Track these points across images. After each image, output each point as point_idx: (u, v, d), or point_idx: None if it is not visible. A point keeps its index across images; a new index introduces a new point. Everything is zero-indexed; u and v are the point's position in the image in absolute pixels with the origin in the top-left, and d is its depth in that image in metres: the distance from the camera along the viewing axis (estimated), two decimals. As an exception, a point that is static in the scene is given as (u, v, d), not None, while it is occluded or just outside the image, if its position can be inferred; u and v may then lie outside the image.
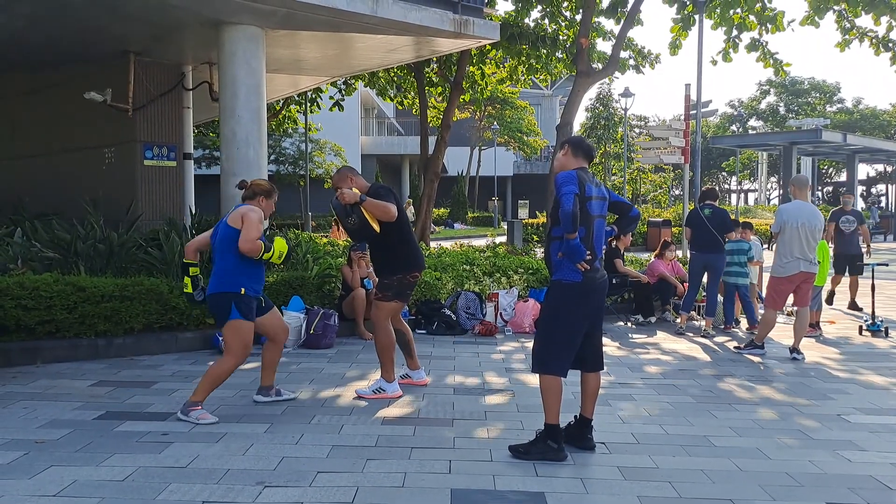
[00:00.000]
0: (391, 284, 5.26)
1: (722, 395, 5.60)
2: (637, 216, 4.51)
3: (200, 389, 4.64)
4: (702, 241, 8.33)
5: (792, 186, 7.31)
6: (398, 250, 5.27)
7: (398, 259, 5.27)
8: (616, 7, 12.85)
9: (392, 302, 5.29)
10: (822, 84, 58.62)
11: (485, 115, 36.86)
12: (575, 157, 4.20)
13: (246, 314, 4.62)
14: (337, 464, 3.91)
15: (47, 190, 12.07)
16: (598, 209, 4.13)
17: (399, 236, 5.25)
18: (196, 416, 4.57)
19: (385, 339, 5.29)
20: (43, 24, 9.19)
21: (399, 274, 5.26)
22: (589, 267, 3.99)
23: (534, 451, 4.03)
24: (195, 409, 4.60)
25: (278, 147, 32.49)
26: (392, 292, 5.26)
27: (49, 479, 3.63)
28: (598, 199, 4.12)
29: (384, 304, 5.29)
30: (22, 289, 6.19)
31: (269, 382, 5.13)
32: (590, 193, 4.05)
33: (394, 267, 5.27)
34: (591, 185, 4.08)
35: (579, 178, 4.01)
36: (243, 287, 4.60)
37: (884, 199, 53.74)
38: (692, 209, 8.81)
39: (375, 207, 5.05)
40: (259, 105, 9.14)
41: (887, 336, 8.31)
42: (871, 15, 11.81)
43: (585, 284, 4.03)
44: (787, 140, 28.35)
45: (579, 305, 4.05)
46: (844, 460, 4.11)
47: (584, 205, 3.99)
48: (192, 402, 4.63)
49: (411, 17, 9.08)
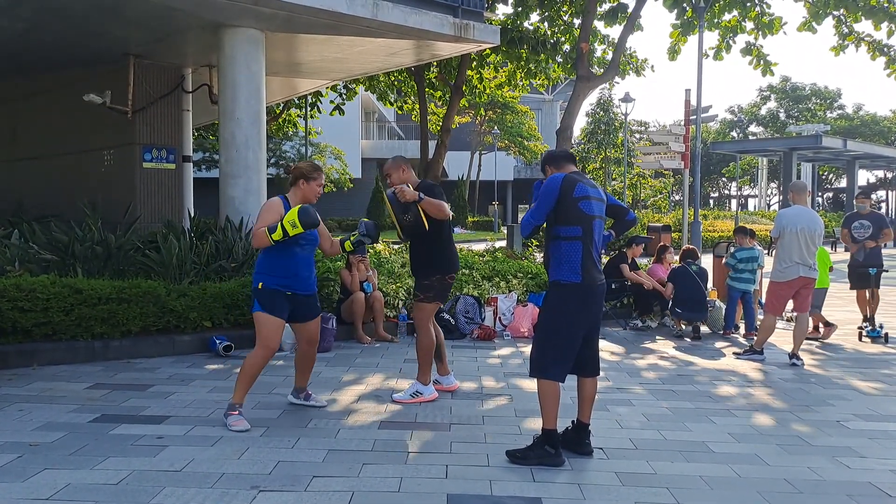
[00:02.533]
0: (432, 285, 5.22)
1: (721, 400, 5.57)
2: (633, 220, 4.50)
3: (238, 388, 4.62)
4: (690, 300, 8.39)
5: (791, 192, 7.31)
6: (440, 250, 5.24)
7: (440, 259, 5.24)
8: (616, 12, 12.87)
9: (433, 303, 5.25)
10: (823, 90, 58.66)
11: (485, 120, 36.89)
12: (559, 167, 4.20)
13: (267, 307, 4.59)
14: (333, 468, 3.89)
15: (47, 192, 12.06)
16: (597, 210, 4.07)
17: (442, 236, 5.25)
18: (231, 423, 4.52)
19: (427, 341, 5.26)
20: (43, 27, 9.19)
21: (439, 274, 5.23)
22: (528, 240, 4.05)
23: (531, 455, 4.00)
24: (232, 414, 4.57)
25: (279, 150, 32.54)
26: (433, 293, 5.22)
27: (42, 482, 3.61)
28: (595, 200, 4.07)
29: (426, 305, 5.25)
30: (19, 290, 6.17)
31: (302, 384, 5.13)
32: (584, 193, 4.00)
33: (436, 267, 5.23)
34: (584, 185, 4.03)
35: (566, 181, 3.99)
36: (261, 281, 4.61)
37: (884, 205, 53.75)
38: (678, 266, 8.87)
39: (432, 206, 5.03)
40: (259, 108, 9.13)
41: (887, 342, 8.29)
42: (870, 21, 11.82)
43: (584, 286, 3.97)
44: (787, 146, 28.36)
45: (579, 308, 3.99)
46: (844, 467, 4.09)
47: (577, 204, 3.96)
48: (231, 405, 4.62)
49: (411, 20, 9.08)
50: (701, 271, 8.66)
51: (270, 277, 4.63)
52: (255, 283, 4.65)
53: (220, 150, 9.22)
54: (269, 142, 29.13)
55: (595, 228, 4.03)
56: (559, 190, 3.95)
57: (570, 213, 3.94)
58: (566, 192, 3.95)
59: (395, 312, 8.35)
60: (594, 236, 4.02)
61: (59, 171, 11.98)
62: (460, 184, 41.11)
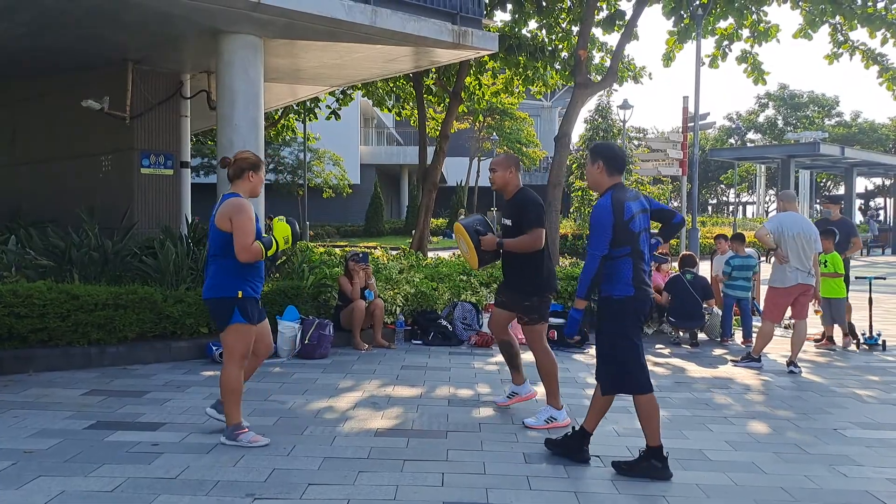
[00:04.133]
0: (534, 306, 4.92)
1: (718, 408, 5.57)
2: (681, 222, 4.43)
3: (230, 410, 4.34)
4: (682, 310, 8.38)
5: (781, 201, 7.39)
6: (538, 271, 4.91)
7: (540, 278, 4.92)
8: (614, 19, 12.90)
9: (540, 323, 4.95)
10: (821, 97, 58.79)
11: (484, 126, 36.93)
12: (610, 175, 4.10)
13: (249, 317, 4.33)
14: (328, 476, 3.87)
15: (44, 197, 12.04)
16: (642, 224, 4.07)
17: (540, 257, 4.90)
18: (248, 440, 4.30)
19: (549, 364, 4.95)
20: (42, 33, 9.19)
21: (541, 294, 4.95)
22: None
23: (637, 468, 3.97)
24: (242, 433, 4.32)
25: (277, 156, 32.53)
26: (538, 314, 4.94)
27: (37, 489, 3.59)
28: (640, 214, 4.07)
29: (535, 328, 4.95)
30: (15, 296, 6.16)
31: None
32: (630, 213, 3.99)
33: (536, 288, 4.93)
34: (630, 204, 4.01)
35: (615, 204, 3.96)
36: (240, 290, 4.30)
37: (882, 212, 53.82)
38: (675, 274, 8.87)
39: (517, 248, 4.83)
40: (256, 114, 9.13)
41: (885, 350, 8.28)
42: (866, 28, 11.86)
43: (637, 298, 3.98)
44: (784, 153, 28.41)
45: (636, 319, 4.03)
46: (840, 475, 4.08)
47: (628, 226, 3.96)
48: (233, 427, 4.34)
49: (410, 27, 9.09)
50: (696, 280, 8.62)
51: (247, 283, 4.34)
52: (233, 293, 4.29)
53: (218, 156, 9.22)
54: (268, 147, 29.14)
55: (642, 242, 4.05)
56: (612, 220, 3.94)
57: (620, 236, 3.96)
58: (618, 217, 3.95)
59: (392, 319, 8.34)
60: (642, 250, 4.04)
61: (56, 177, 11.96)
62: (459, 190, 41.11)
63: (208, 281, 4.38)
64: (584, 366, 7.11)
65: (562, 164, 12.07)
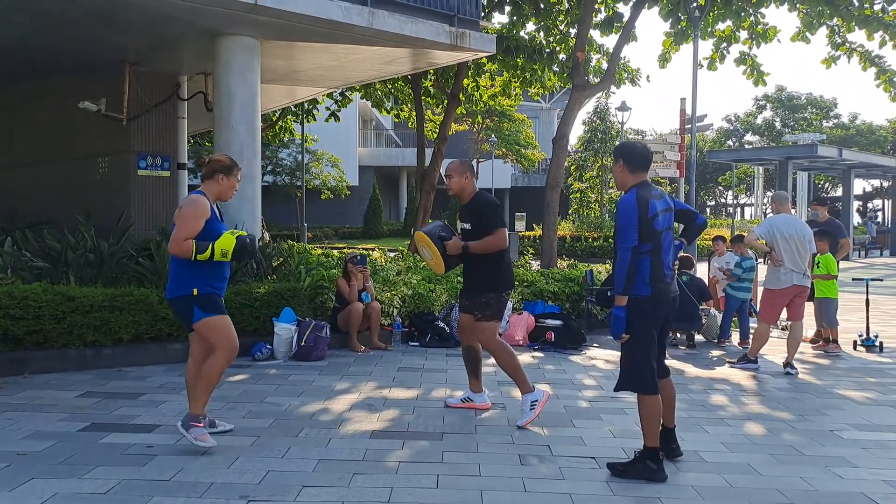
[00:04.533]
0: (489, 303, 5.01)
1: (713, 409, 5.56)
2: (703, 224, 4.44)
3: (197, 396, 4.26)
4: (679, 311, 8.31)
5: (773, 203, 7.39)
6: (495, 269, 5.03)
7: (495, 278, 5.03)
8: (612, 21, 12.91)
9: (493, 320, 5.05)
10: (819, 99, 58.80)
11: (483, 128, 36.94)
12: (632, 172, 4.12)
13: (212, 309, 4.23)
14: (323, 478, 3.86)
15: (41, 199, 12.03)
16: (665, 223, 4.06)
17: (499, 256, 5.03)
18: (195, 437, 4.21)
19: (506, 356, 5.06)
20: (40, 34, 9.19)
21: (497, 292, 5.04)
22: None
23: (633, 470, 3.97)
24: (196, 427, 4.24)
25: (275, 158, 32.50)
26: (492, 311, 5.02)
27: (29, 491, 3.58)
28: (664, 213, 4.06)
29: (488, 324, 5.04)
30: (10, 298, 6.14)
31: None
32: (654, 211, 3.99)
33: (493, 285, 5.03)
34: (654, 202, 4.01)
35: (640, 201, 3.97)
36: (195, 288, 4.19)
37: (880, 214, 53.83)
38: None
39: (482, 248, 4.92)
40: (254, 116, 9.14)
41: (881, 351, 8.28)
42: (864, 31, 11.87)
43: (655, 297, 3.99)
44: (782, 155, 28.39)
45: (651, 319, 4.03)
46: (836, 477, 4.07)
47: (651, 224, 3.97)
48: (192, 416, 4.26)
49: (407, 29, 9.09)
50: (693, 281, 8.62)
51: (205, 281, 4.23)
52: (188, 291, 4.19)
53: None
54: (266, 149, 29.12)
55: (664, 242, 4.04)
56: (637, 213, 3.96)
57: (643, 233, 3.96)
58: (642, 213, 3.97)
59: (389, 321, 8.33)
60: (662, 249, 4.02)
61: (53, 178, 11.95)
62: (457, 192, 41.05)
63: (168, 281, 4.34)
64: (582, 367, 7.11)
65: (560, 165, 12.08)
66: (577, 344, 8.09)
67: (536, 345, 8.17)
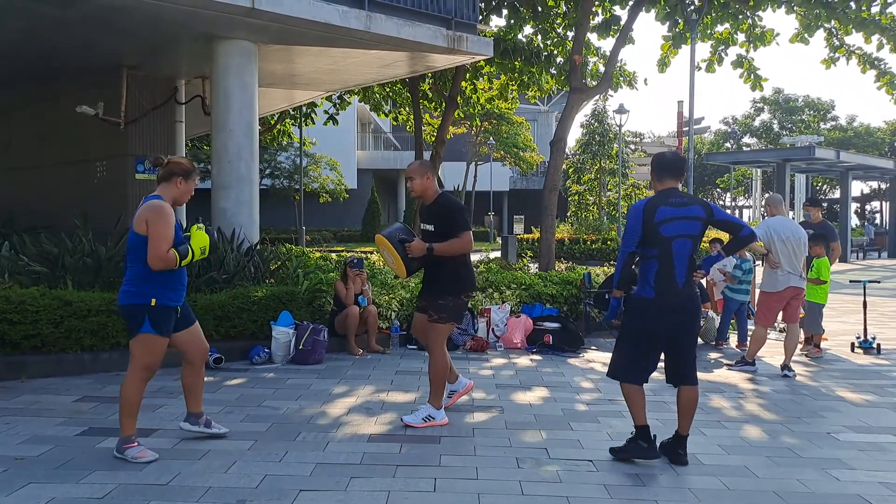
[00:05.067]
0: (447, 305, 4.94)
1: (711, 412, 5.57)
2: (748, 237, 4.40)
3: (124, 421, 4.12)
4: None
5: (768, 206, 7.39)
6: (456, 270, 4.96)
7: (458, 279, 4.97)
8: (609, 24, 12.94)
9: (448, 324, 5.00)
10: (817, 101, 58.89)
11: (481, 131, 36.97)
12: (660, 180, 4.31)
13: (159, 328, 4.09)
14: (320, 482, 3.86)
15: (39, 203, 12.03)
16: (680, 229, 4.16)
17: (462, 256, 5.00)
18: (133, 455, 4.05)
19: (442, 363, 4.97)
20: (37, 39, 9.20)
21: (456, 294, 4.97)
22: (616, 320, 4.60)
23: (628, 450, 4.29)
24: (130, 447, 4.08)
25: (273, 161, 32.51)
26: (449, 314, 4.96)
27: (27, 496, 3.57)
28: (677, 220, 4.15)
29: (442, 327, 4.97)
30: (7, 303, 6.14)
31: (197, 409, 4.54)
32: (661, 217, 4.14)
33: (452, 287, 4.96)
34: (664, 209, 4.16)
35: (647, 207, 4.17)
36: (154, 298, 4.05)
37: (878, 216, 53.90)
38: None
39: (447, 251, 4.84)
40: (251, 119, 9.14)
41: (879, 353, 8.29)
42: (861, 33, 11.91)
43: (657, 301, 4.16)
44: (780, 157, 28.41)
45: (652, 321, 4.20)
46: (833, 479, 4.08)
47: (658, 229, 4.14)
48: (124, 439, 4.10)
49: (405, 32, 9.11)
50: None
51: (164, 292, 4.10)
52: (146, 301, 4.04)
53: (213, 161, 9.22)
54: (264, 152, 29.13)
55: (674, 248, 4.15)
56: (642, 219, 4.18)
57: (649, 237, 4.17)
58: (648, 219, 4.16)
59: (387, 324, 8.33)
60: (673, 255, 4.14)
61: (51, 182, 11.96)
62: (456, 194, 41.14)
63: (123, 286, 4.17)
64: (580, 370, 7.11)
65: (558, 168, 12.10)
66: (575, 347, 8.10)
67: (534, 347, 8.17)
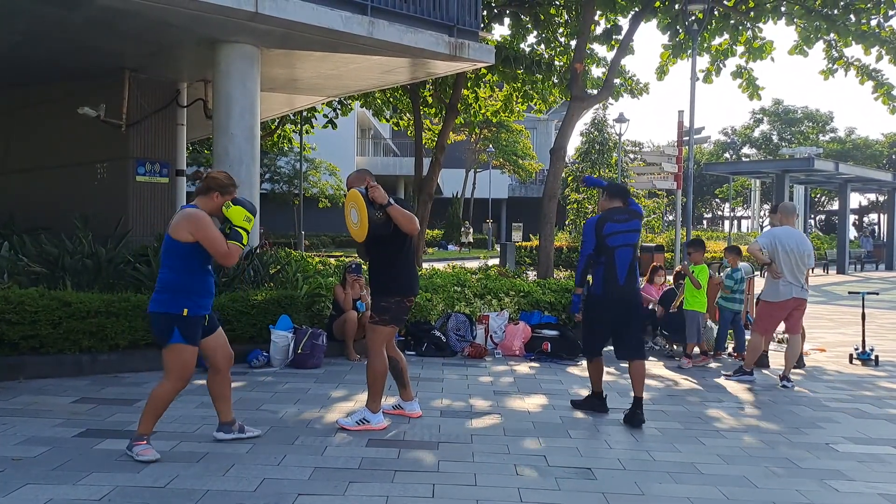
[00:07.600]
0: (389, 307, 4.99)
1: (710, 421, 5.56)
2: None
3: (145, 419, 4.20)
4: (676, 323, 8.48)
5: (780, 213, 7.26)
6: (400, 271, 5.04)
7: (398, 281, 5.02)
8: (610, 34, 12.98)
9: (389, 326, 5.04)
10: (816, 113, 59.09)
11: (480, 138, 37.03)
12: (610, 200, 5.58)
13: (189, 338, 4.19)
14: (318, 486, 3.85)
15: (39, 204, 12.01)
16: (622, 240, 5.39)
17: (404, 257, 5.06)
18: (138, 452, 4.13)
19: (380, 367, 4.99)
20: (40, 41, 9.21)
21: (397, 297, 5.04)
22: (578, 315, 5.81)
23: (585, 405, 5.70)
24: (139, 444, 4.17)
25: (273, 165, 32.51)
26: (389, 315, 4.99)
27: (23, 497, 3.56)
28: (621, 233, 5.39)
29: (381, 329, 5.01)
30: (6, 303, 6.12)
31: (229, 418, 4.61)
32: (609, 231, 5.39)
33: (393, 288, 5.01)
34: (610, 224, 5.41)
35: (599, 221, 5.46)
36: (186, 308, 4.14)
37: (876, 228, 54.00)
38: (669, 288, 8.92)
39: (402, 215, 4.85)
40: (253, 123, 9.15)
41: (877, 365, 8.29)
42: (860, 45, 11.95)
43: (603, 296, 5.44)
44: (779, 168, 28.48)
45: (600, 312, 5.52)
46: (832, 490, 4.07)
47: (605, 241, 5.39)
48: (137, 435, 4.20)
49: (407, 39, 9.13)
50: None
51: (195, 300, 4.19)
52: (178, 310, 4.12)
53: (214, 165, 9.22)
54: (265, 157, 29.13)
55: (617, 255, 5.37)
56: (594, 233, 5.44)
57: (600, 247, 5.43)
58: (598, 232, 5.42)
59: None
60: (615, 261, 5.38)
61: (51, 184, 11.94)
62: (455, 201, 41.18)
63: (155, 294, 4.25)
64: (578, 378, 7.10)
65: (557, 176, 12.11)
66: (574, 354, 8.09)
67: (533, 355, 8.16)
